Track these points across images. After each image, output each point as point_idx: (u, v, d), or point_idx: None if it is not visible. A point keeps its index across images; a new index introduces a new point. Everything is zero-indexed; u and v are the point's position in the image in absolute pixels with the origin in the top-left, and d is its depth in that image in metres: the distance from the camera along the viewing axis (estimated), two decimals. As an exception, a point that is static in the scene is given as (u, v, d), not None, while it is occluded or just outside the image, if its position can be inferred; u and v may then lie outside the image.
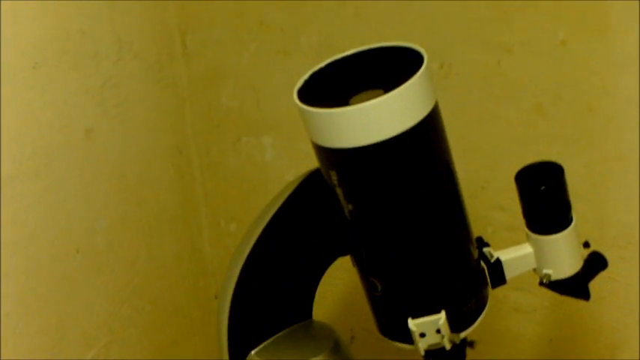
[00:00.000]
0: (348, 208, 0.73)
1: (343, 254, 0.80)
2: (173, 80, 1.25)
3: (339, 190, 0.73)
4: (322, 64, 0.75)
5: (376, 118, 0.68)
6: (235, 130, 1.27)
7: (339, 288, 1.10)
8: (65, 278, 1.09)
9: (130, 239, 1.20)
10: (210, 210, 1.34)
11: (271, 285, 0.80)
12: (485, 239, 0.83)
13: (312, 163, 0.83)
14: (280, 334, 0.81)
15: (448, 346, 0.76)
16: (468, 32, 1.04)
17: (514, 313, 1.14)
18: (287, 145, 1.25)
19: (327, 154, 0.72)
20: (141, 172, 1.21)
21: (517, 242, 0.84)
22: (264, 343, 0.80)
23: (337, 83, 0.74)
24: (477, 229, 0.81)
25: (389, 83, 0.69)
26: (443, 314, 0.75)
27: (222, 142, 1.29)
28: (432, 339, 0.76)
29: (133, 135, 1.19)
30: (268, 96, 1.23)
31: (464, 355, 0.79)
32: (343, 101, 0.70)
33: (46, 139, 1.03)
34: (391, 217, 0.73)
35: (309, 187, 0.79)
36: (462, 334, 0.77)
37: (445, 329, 0.75)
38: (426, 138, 0.71)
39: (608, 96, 0.99)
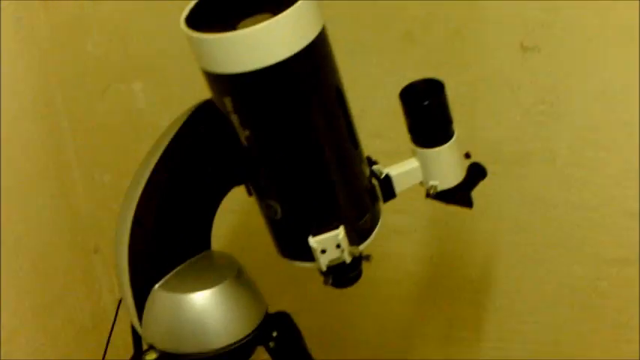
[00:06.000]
0: (244, 134, 0.74)
1: (239, 183, 0.80)
2: (33, 31, 1.20)
3: (234, 117, 0.73)
4: None
5: (266, 42, 0.68)
6: (103, 78, 1.23)
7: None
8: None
9: (2, 199, 1.15)
10: (82, 163, 1.30)
11: (169, 218, 0.79)
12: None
13: (187, 107, 0.82)
14: (182, 265, 0.80)
15: (349, 260, 0.78)
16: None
17: (394, 234, 1.18)
18: (159, 91, 1.22)
19: (218, 80, 0.72)
20: (6, 128, 1.16)
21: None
22: (167, 277, 0.79)
23: (224, 9, 0.73)
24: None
25: (276, 7, 0.70)
26: (342, 229, 0.76)
27: (90, 91, 1.24)
28: (332, 254, 0.77)
29: (-5, 90, 1.14)
30: (136, 41, 1.19)
31: (361, 268, 0.82)
32: (231, 27, 0.70)
33: None
34: (288, 138, 0.74)
35: (199, 118, 0.78)
36: (361, 247, 0.80)
37: (345, 243, 0.77)
38: (316, 60, 0.72)
39: (474, 21, 1.03)
